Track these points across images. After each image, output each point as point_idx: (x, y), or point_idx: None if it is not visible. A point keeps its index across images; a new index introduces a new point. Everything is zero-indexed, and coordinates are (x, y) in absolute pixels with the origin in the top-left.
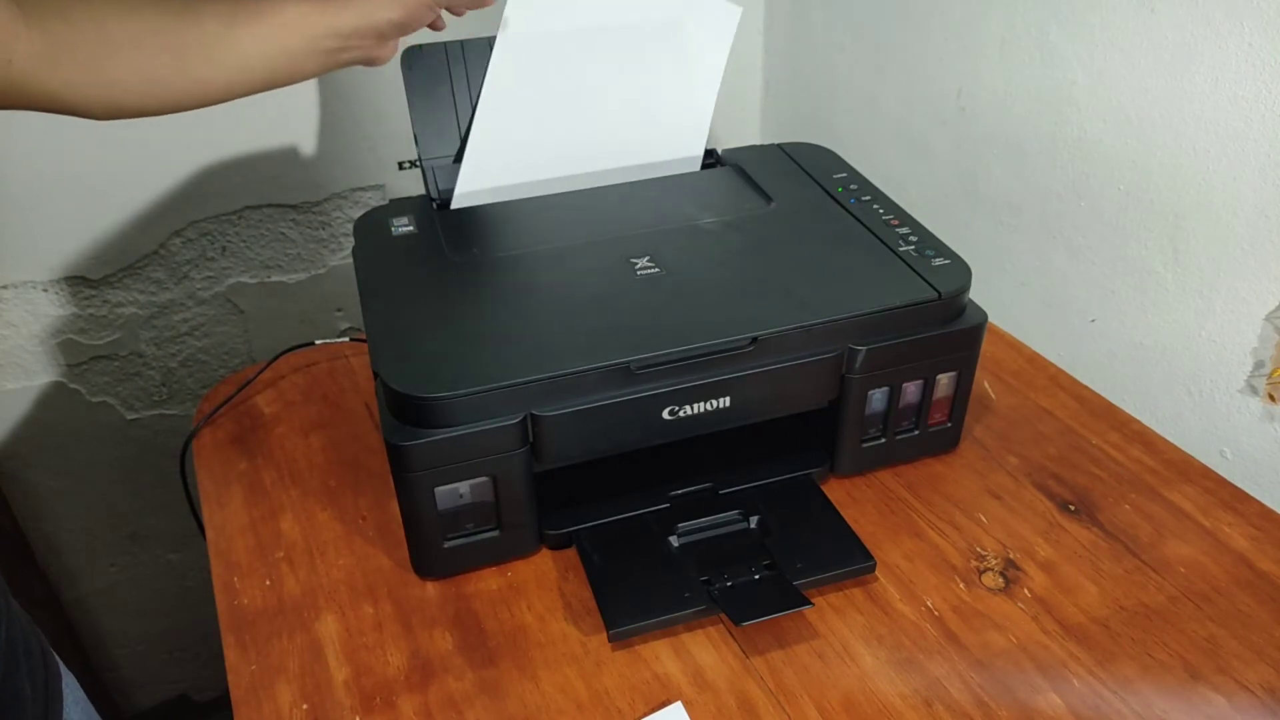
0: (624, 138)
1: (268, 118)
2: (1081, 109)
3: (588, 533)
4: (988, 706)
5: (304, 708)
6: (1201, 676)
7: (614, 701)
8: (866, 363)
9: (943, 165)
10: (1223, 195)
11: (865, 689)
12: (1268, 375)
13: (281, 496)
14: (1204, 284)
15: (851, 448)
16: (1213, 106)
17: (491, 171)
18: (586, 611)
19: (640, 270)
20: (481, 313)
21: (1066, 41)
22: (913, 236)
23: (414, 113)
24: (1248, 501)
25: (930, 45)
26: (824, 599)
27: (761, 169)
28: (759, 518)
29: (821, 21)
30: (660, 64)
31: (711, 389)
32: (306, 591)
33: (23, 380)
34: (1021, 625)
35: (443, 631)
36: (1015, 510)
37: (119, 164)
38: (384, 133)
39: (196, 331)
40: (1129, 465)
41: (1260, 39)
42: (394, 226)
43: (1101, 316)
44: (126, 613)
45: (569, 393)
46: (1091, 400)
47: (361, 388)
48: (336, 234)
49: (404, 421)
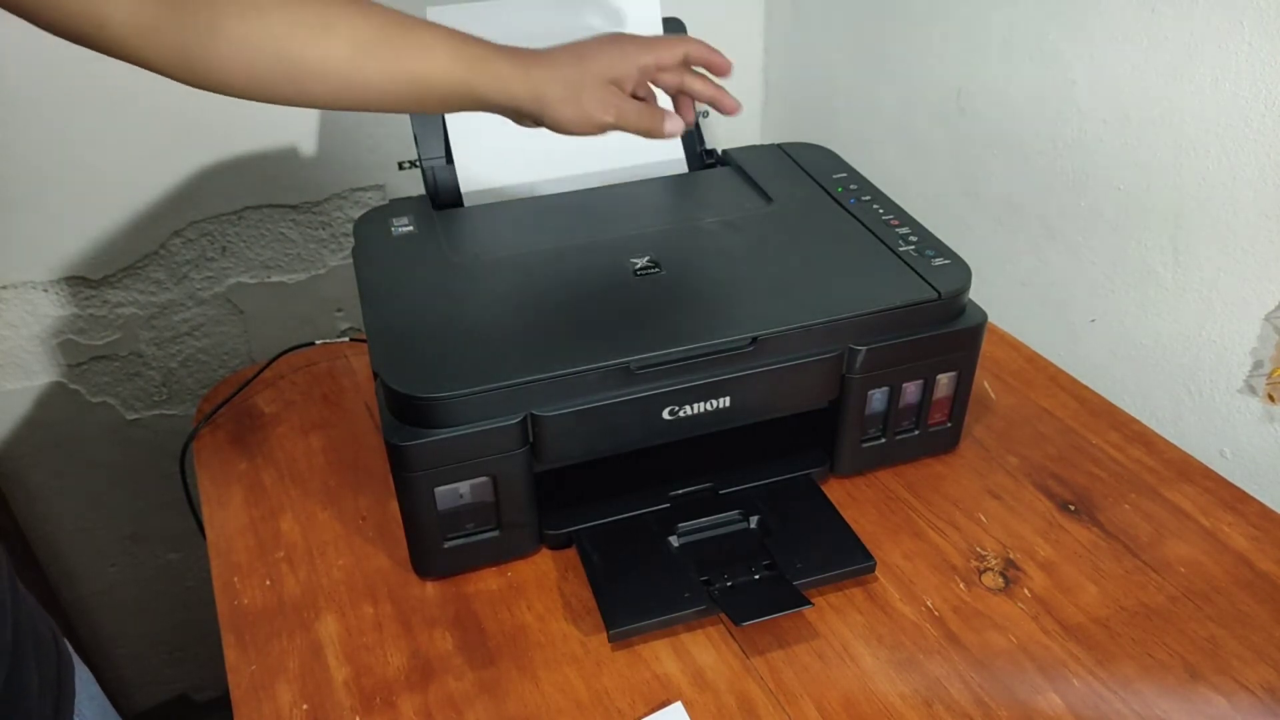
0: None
1: (268, 118)
2: (1081, 109)
3: (588, 533)
4: (988, 706)
5: (304, 708)
6: (1201, 676)
7: (614, 701)
8: (866, 363)
9: (943, 165)
10: (1223, 195)
11: (865, 689)
12: (1268, 375)
13: (281, 496)
14: (1204, 284)
15: (851, 448)
16: (1213, 106)
17: (488, 172)
18: (586, 611)
19: (640, 270)
20: (481, 313)
21: (1066, 41)
22: (913, 236)
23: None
24: (1248, 501)
25: (930, 45)
26: (824, 599)
27: (761, 169)
28: (759, 518)
29: (821, 21)
30: None
31: (711, 389)
32: (306, 591)
33: (23, 380)
34: (1021, 625)
35: (443, 631)
36: (1015, 510)
37: (119, 164)
38: (384, 133)
39: (196, 331)
40: (1129, 465)
41: (1260, 39)
42: (394, 226)
43: (1101, 316)
44: (126, 613)
45: (569, 393)
46: (1091, 400)
47: (361, 388)
48: (336, 234)
49: (404, 421)
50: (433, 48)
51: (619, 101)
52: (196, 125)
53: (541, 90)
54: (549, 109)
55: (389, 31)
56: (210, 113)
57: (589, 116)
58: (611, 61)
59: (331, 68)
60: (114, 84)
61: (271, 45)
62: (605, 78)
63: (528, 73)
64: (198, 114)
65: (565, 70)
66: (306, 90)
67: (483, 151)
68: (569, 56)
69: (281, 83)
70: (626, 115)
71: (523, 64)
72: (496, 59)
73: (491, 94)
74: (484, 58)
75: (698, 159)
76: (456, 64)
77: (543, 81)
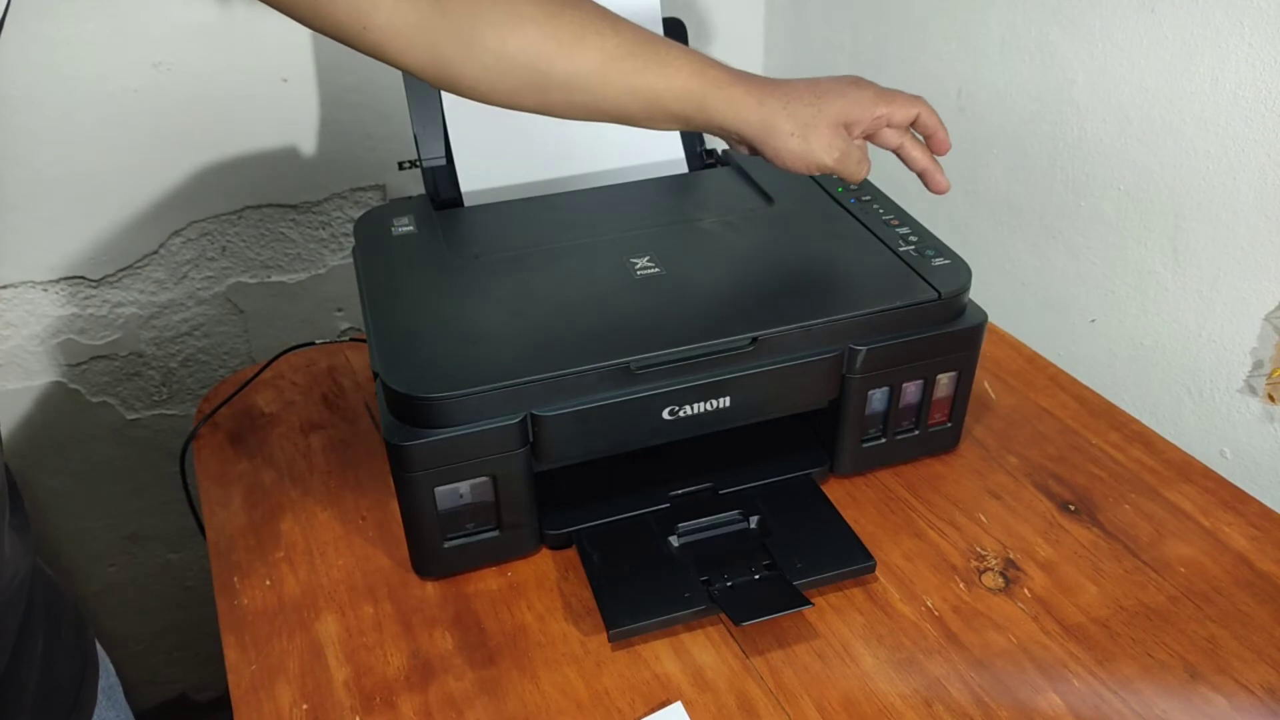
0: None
1: (268, 118)
2: (1081, 109)
3: (588, 533)
4: (988, 706)
5: (304, 708)
6: (1201, 676)
7: (614, 701)
8: (866, 363)
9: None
10: (1223, 195)
11: (865, 689)
12: (1267, 375)
13: (281, 496)
14: (1204, 284)
15: (851, 448)
16: (1213, 106)
17: (488, 172)
18: (586, 611)
19: (640, 270)
20: (481, 313)
21: (1066, 41)
22: (913, 236)
23: (414, 113)
24: (1248, 501)
25: (930, 45)
26: (824, 599)
27: (762, 169)
28: (759, 518)
29: (821, 21)
30: None
31: (711, 389)
32: (306, 591)
33: (23, 380)
34: (1021, 625)
35: (443, 631)
36: (1015, 510)
37: (119, 164)
38: (384, 133)
39: (196, 331)
40: (1129, 465)
41: (1260, 39)
42: (394, 226)
43: (1101, 316)
44: (126, 613)
45: (569, 393)
46: (1091, 400)
47: (361, 388)
48: (336, 234)
49: (404, 421)
50: (675, 65)
51: (845, 146)
52: (196, 125)
53: (773, 121)
54: (774, 139)
55: (636, 47)
56: (210, 113)
57: (812, 156)
58: (848, 106)
59: (579, 80)
60: (114, 84)
61: (525, 57)
62: (839, 120)
63: (761, 101)
64: (198, 114)
65: (800, 106)
66: (549, 100)
67: (483, 151)
68: (807, 93)
69: (526, 91)
70: (848, 161)
71: (757, 92)
72: (734, 84)
73: (724, 116)
74: (722, 81)
75: (698, 159)
76: (694, 83)
77: (775, 113)
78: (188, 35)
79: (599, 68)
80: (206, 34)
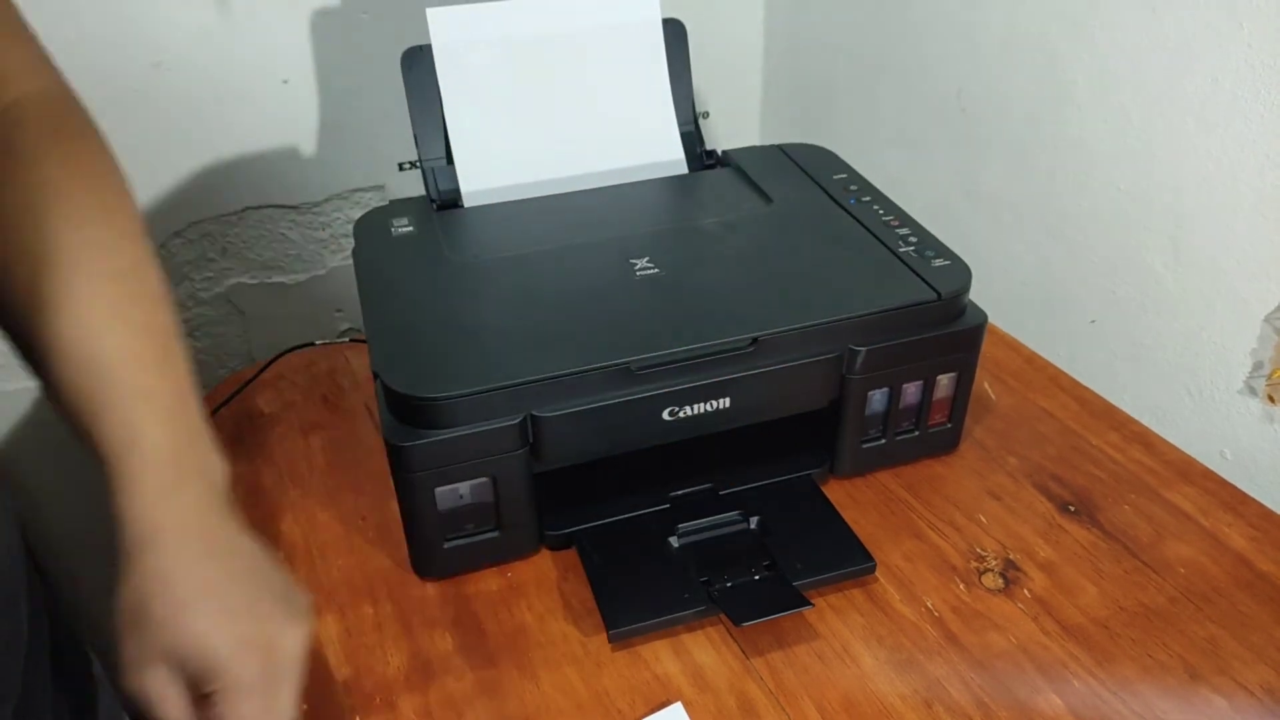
0: (603, 139)
1: (268, 118)
2: (1081, 109)
3: (588, 533)
4: (988, 707)
5: (304, 708)
6: (1201, 677)
7: (614, 702)
8: (866, 363)
9: (943, 165)
10: (1223, 195)
11: (865, 689)
12: (1267, 376)
13: (281, 497)
14: (1204, 284)
15: (851, 448)
16: (1213, 106)
17: (488, 172)
18: (586, 612)
19: (640, 270)
20: (481, 313)
21: (1066, 41)
22: (912, 237)
23: (414, 113)
24: (1248, 502)
25: (930, 45)
26: (824, 599)
27: (761, 169)
28: (759, 518)
29: (821, 21)
30: (605, 64)
31: (711, 390)
32: (306, 591)
33: (23, 380)
34: (1021, 626)
35: (443, 632)
36: (1015, 511)
37: None
38: (384, 133)
39: (196, 332)
40: (1129, 466)
41: (1260, 39)
42: (394, 227)
43: (1101, 316)
44: None
45: (569, 393)
46: (1091, 401)
47: (361, 388)
48: (336, 234)
49: (404, 422)
50: (150, 398)
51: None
52: (196, 125)
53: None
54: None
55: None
56: (210, 113)
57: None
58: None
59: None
60: (114, 84)
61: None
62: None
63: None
64: (198, 114)
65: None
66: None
67: (483, 151)
68: (162, 605)
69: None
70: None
71: (157, 525)
72: (157, 487)
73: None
74: (148, 469)
75: (698, 159)
76: (135, 437)
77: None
78: (188, 35)
79: (83, 309)
80: (206, 34)
